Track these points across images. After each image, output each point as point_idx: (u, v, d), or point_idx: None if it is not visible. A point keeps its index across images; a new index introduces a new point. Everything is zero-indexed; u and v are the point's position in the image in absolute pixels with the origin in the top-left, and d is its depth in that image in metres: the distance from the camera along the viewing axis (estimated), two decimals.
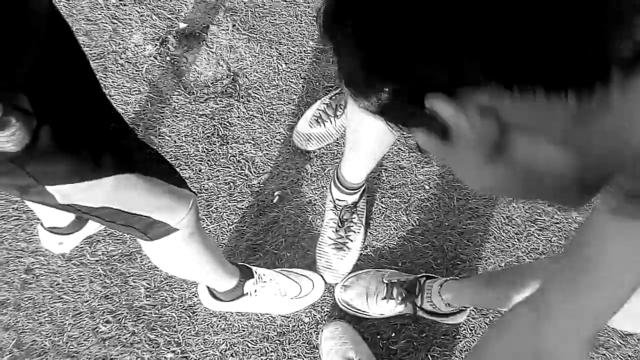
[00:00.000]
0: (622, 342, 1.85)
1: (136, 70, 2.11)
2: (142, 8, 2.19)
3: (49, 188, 1.02)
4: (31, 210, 1.92)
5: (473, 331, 1.86)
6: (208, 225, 1.94)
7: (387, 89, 0.55)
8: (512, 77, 0.48)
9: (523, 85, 0.48)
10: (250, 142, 2.03)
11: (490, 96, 0.50)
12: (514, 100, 0.49)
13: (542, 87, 0.48)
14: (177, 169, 1.42)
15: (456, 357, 1.83)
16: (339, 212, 1.89)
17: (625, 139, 0.51)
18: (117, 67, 2.12)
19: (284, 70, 2.14)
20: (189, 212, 1.29)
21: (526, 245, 1.96)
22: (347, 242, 1.90)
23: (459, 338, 1.86)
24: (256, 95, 2.09)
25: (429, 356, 1.83)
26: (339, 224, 1.89)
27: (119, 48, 2.14)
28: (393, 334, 1.85)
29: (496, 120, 0.52)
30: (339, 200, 1.88)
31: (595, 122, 0.50)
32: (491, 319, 1.87)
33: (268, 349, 1.82)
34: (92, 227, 1.87)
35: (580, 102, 0.48)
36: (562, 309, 0.69)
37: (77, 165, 1.03)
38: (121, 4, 2.19)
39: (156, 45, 2.14)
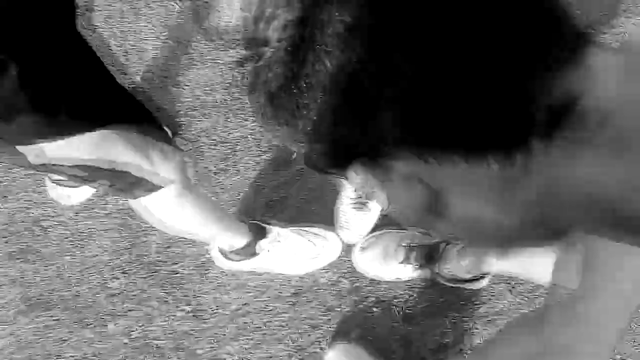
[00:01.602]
0: None
1: (156, 15, 1.96)
2: None
3: (20, 148, 0.92)
4: None
5: (494, 297, 1.73)
6: (225, 179, 1.81)
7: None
8: (422, 145, 0.43)
9: (436, 153, 0.43)
10: None
11: (408, 164, 0.44)
12: (432, 167, 0.43)
13: (458, 154, 0.42)
14: (178, 121, 1.29)
15: (475, 323, 1.71)
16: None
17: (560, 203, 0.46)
18: (135, 11, 1.97)
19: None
20: (173, 169, 1.17)
21: None
22: (368, 202, 1.76)
23: (479, 304, 1.73)
24: None
25: (447, 322, 1.71)
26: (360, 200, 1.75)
27: None
28: (411, 298, 1.73)
29: (424, 185, 0.46)
30: None
31: (523, 188, 0.45)
32: (513, 285, 1.74)
33: (281, 309, 1.71)
34: None
35: (501, 168, 0.42)
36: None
37: (49, 123, 0.92)
38: None
39: None
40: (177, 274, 1.73)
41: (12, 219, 1.79)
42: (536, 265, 1.35)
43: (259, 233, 1.66)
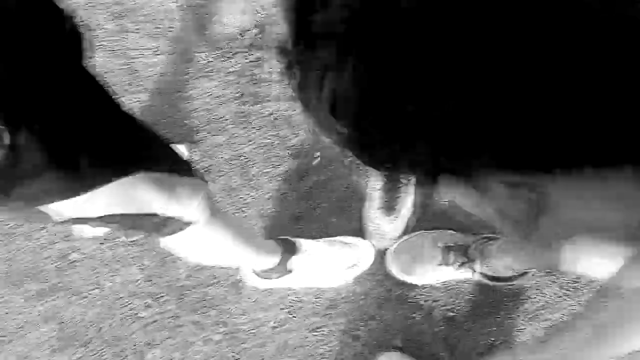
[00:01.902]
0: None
1: (155, 28, 1.88)
2: None
3: (42, 208, 0.86)
4: None
5: (539, 291, 1.66)
6: (246, 194, 1.75)
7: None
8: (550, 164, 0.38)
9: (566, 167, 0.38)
10: (284, 99, 1.80)
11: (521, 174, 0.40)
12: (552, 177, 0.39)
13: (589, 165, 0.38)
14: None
15: (521, 319, 1.65)
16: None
17: None
18: (137, 26, 1.89)
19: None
20: (200, 203, 1.10)
21: None
22: (397, 204, 1.68)
23: (524, 299, 1.66)
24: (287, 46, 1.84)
25: (492, 321, 1.65)
26: (389, 185, 1.67)
27: (136, 5, 1.90)
28: (451, 300, 1.67)
29: (533, 192, 0.42)
30: None
31: None
32: (557, 276, 1.66)
33: (319, 324, 1.66)
34: None
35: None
36: None
37: (73, 179, 0.84)
38: None
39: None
40: (209, 296, 1.68)
41: (39, 255, 1.75)
42: (601, 264, 1.28)
43: (289, 249, 1.60)
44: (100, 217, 0.95)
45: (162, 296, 1.69)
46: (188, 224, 1.10)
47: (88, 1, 1.92)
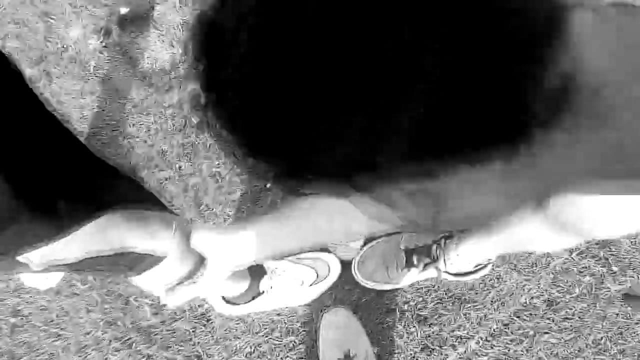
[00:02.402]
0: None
1: (83, 70, 1.98)
2: None
3: (20, 258, 0.91)
4: None
5: (500, 279, 1.86)
6: (207, 222, 1.86)
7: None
8: (436, 169, 0.46)
9: (442, 165, 0.46)
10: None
11: (411, 183, 0.48)
12: (438, 179, 0.47)
13: (467, 163, 0.45)
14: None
15: (488, 309, 1.84)
16: None
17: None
18: (61, 70, 1.98)
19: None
20: (175, 235, 1.19)
21: None
22: None
23: (487, 289, 1.86)
24: None
25: (462, 314, 1.84)
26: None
27: (58, 48, 2.00)
28: (420, 299, 1.85)
29: (427, 196, 0.51)
30: None
31: (523, 177, 0.49)
32: (515, 264, 1.88)
33: (295, 342, 1.78)
34: None
35: (506, 162, 0.46)
36: None
37: (49, 224, 0.91)
38: None
39: (100, 37, 2.01)
40: (179, 331, 1.76)
41: None
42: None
43: (257, 272, 1.71)
44: (80, 261, 1.00)
45: (129, 338, 1.75)
46: (161, 258, 1.17)
47: (3, 45, 2.01)
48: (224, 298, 1.71)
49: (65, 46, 2.00)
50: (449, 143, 0.43)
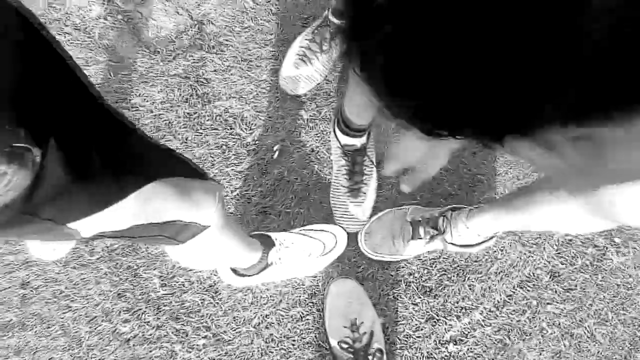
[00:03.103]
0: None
1: (88, 37, 1.90)
2: None
3: (72, 225, 0.88)
4: None
5: (504, 251, 1.84)
6: None
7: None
8: (609, 105, 0.42)
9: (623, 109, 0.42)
10: (234, 97, 1.88)
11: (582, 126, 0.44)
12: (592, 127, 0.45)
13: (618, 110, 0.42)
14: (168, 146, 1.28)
15: (492, 281, 1.82)
16: (349, 157, 1.79)
17: None
18: (65, 38, 1.90)
19: (252, 9, 1.95)
20: (217, 205, 1.17)
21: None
22: (362, 187, 1.81)
23: (492, 261, 1.83)
24: (228, 43, 1.91)
25: (466, 285, 1.81)
26: (352, 170, 1.80)
27: (61, 15, 1.90)
28: (425, 271, 1.82)
29: (592, 142, 0.47)
30: (347, 145, 1.77)
31: None
32: (520, 235, 1.85)
33: (302, 313, 1.76)
34: None
35: None
36: None
37: (100, 192, 0.88)
38: None
39: (103, 3, 1.92)
40: (188, 302, 1.73)
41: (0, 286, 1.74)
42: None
43: (266, 243, 1.67)
44: (128, 228, 1.01)
45: (139, 309, 1.72)
46: (205, 227, 1.16)
47: None
48: (233, 270, 1.68)
49: (68, 14, 1.91)
50: (626, 85, 0.40)
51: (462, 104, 0.44)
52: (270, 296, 1.76)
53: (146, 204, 0.98)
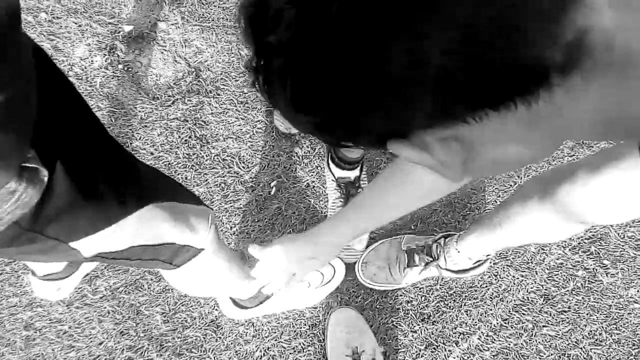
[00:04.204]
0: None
1: (90, 86, 1.89)
2: (78, 18, 1.95)
3: (73, 244, 0.87)
4: (14, 261, 1.70)
5: (497, 276, 1.80)
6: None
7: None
8: (463, 110, 0.49)
9: (474, 112, 0.49)
10: (231, 137, 1.87)
11: (446, 128, 0.51)
12: (469, 124, 0.50)
13: (490, 107, 0.48)
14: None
15: (488, 305, 1.78)
16: (343, 189, 1.77)
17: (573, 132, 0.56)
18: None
19: (247, 55, 1.97)
20: (210, 228, 1.15)
21: (527, 179, 1.91)
22: None
23: (486, 286, 1.80)
24: (225, 87, 1.91)
25: (463, 311, 1.77)
26: (347, 202, 1.78)
27: (65, 66, 1.90)
28: (422, 298, 1.78)
29: (458, 142, 0.53)
30: (341, 177, 1.76)
31: (545, 122, 0.52)
32: (512, 260, 1.82)
33: (304, 344, 1.70)
34: (90, 264, 1.68)
35: (528, 107, 0.49)
36: None
37: (101, 211, 0.88)
38: (54, 17, 1.94)
39: (104, 55, 1.92)
40: (190, 338, 1.68)
41: (1, 329, 1.66)
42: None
43: None
44: (126, 249, 0.99)
45: (142, 347, 1.66)
46: (199, 250, 1.14)
47: None
48: (234, 302, 1.63)
49: (71, 64, 1.91)
50: (474, 88, 0.46)
51: (348, 116, 0.50)
52: (272, 328, 1.70)
53: (144, 225, 0.97)
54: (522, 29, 0.45)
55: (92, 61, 1.92)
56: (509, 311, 1.78)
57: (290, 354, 1.68)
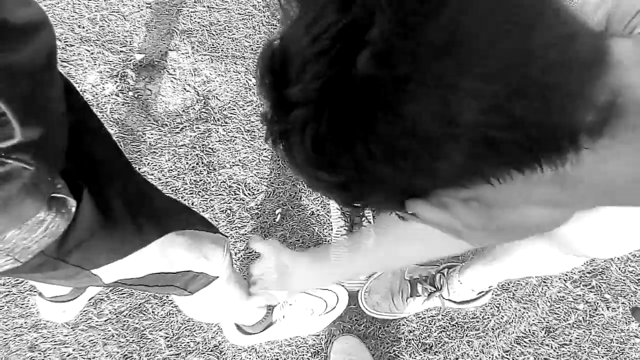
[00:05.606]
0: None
1: (100, 112, 1.90)
2: (91, 46, 1.97)
3: (95, 271, 0.88)
4: (20, 283, 1.69)
5: (500, 308, 1.79)
6: None
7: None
8: (489, 172, 0.46)
9: (500, 173, 0.46)
10: (237, 165, 1.87)
11: (468, 189, 0.48)
12: (494, 186, 0.47)
13: (516, 169, 0.46)
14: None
15: (490, 337, 1.76)
16: (347, 218, 1.77)
17: (605, 188, 0.52)
18: None
19: (255, 85, 1.98)
20: (225, 257, 1.15)
21: None
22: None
23: (488, 318, 1.78)
24: (232, 115, 1.92)
25: (465, 342, 1.75)
26: (351, 230, 1.77)
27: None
28: (425, 328, 1.76)
29: (480, 203, 0.51)
30: None
31: (573, 182, 0.50)
32: (514, 292, 1.81)
33: None
34: (95, 288, 1.67)
35: (555, 169, 0.46)
36: None
37: (123, 240, 0.89)
38: (67, 45, 1.97)
39: (115, 82, 1.94)
40: None
41: (6, 350, 1.65)
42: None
43: None
44: (144, 276, 0.99)
45: None
46: (214, 278, 1.14)
47: None
48: (238, 328, 1.61)
49: (82, 91, 1.92)
50: (499, 148, 0.44)
51: (373, 170, 0.46)
52: (274, 355, 1.68)
53: (163, 253, 0.98)
54: (560, 90, 0.42)
55: (103, 88, 1.93)
56: (511, 343, 1.76)
57: None
